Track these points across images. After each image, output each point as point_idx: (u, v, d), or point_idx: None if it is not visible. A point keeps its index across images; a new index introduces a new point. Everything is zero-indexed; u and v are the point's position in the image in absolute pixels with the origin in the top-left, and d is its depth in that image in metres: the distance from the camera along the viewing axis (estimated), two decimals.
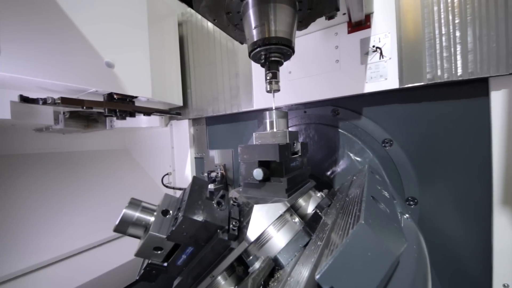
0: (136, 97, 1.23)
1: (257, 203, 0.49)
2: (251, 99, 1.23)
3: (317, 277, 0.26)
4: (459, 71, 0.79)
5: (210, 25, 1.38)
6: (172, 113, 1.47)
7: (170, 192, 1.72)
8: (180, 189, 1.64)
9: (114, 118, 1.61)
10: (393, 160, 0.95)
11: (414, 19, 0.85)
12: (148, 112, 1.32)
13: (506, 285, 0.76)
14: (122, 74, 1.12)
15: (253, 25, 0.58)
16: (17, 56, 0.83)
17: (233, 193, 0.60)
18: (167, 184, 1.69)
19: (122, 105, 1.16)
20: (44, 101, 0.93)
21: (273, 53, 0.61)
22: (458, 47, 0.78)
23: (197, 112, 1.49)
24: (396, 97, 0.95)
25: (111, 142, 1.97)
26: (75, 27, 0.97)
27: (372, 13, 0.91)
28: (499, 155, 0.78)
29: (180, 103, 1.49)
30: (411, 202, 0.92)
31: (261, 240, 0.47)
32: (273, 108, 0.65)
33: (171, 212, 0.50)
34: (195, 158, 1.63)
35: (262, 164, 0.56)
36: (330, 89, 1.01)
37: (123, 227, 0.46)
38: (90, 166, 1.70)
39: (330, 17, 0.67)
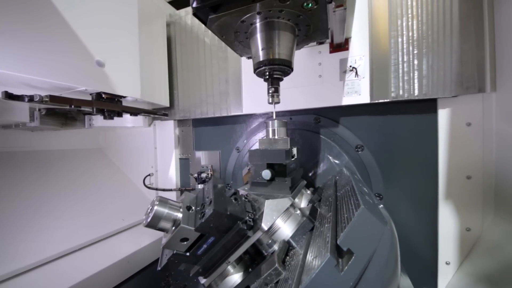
0: (124, 97, 1.22)
1: (267, 198, 0.58)
2: (240, 104, 1.31)
3: (338, 242, 0.37)
4: (416, 92, 0.98)
5: (199, 31, 1.42)
6: (159, 113, 1.48)
7: (152, 193, 1.70)
8: (163, 190, 1.63)
9: (93, 117, 1.56)
10: (364, 162, 1.12)
11: (383, 47, 1.02)
12: (136, 112, 1.31)
13: (448, 262, 0.97)
14: (112, 73, 1.12)
15: (260, 47, 0.68)
16: (4, 51, 0.79)
17: (240, 191, 0.68)
18: (149, 185, 1.67)
19: (111, 105, 1.15)
20: (31, 99, 0.89)
21: (276, 71, 0.71)
22: (416, 73, 0.98)
23: (184, 114, 1.51)
24: (367, 110, 1.12)
25: (83, 141, 1.87)
26: (67, 24, 0.95)
27: (350, 37, 1.07)
28: (444, 159, 0.99)
29: (167, 104, 1.50)
30: (378, 198, 1.10)
31: (272, 229, 0.56)
32: (274, 117, 0.76)
33: (193, 208, 0.56)
34: (180, 159, 1.65)
35: (268, 166, 0.67)
36: (313, 99, 1.14)
37: (155, 222, 0.52)
38: (62, 167, 1.60)
39: (320, 43, 0.79)
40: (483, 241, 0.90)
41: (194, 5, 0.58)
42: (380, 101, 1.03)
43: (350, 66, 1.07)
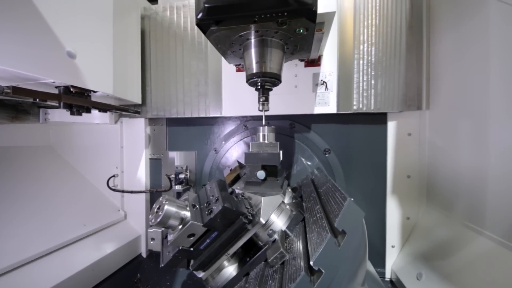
0: (95, 91, 1.14)
1: (263, 196, 0.66)
2: (220, 106, 1.35)
3: (335, 225, 0.48)
4: (372, 106, 1.18)
5: (178, 30, 1.40)
6: (131, 111, 1.41)
7: (116, 195, 1.60)
8: (131, 192, 1.55)
9: (49, 110, 1.40)
10: (330, 164, 1.29)
11: (348, 66, 1.20)
12: (106, 108, 1.24)
13: (393, 245, 1.20)
14: (83, 66, 1.04)
15: (254, 60, 0.75)
16: None
17: (236, 190, 0.74)
18: (113, 187, 1.57)
19: (81, 100, 1.07)
20: None
21: (267, 83, 0.80)
22: (373, 91, 1.18)
23: (157, 112, 1.47)
24: (334, 119, 1.30)
25: (29, 137, 1.63)
26: (35, 8, 0.86)
27: (322, 55, 1.22)
28: (390, 162, 1.22)
29: (139, 101, 1.44)
30: None
31: (268, 222, 0.64)
32: (263, 123, 0.84)
33: (197, 206, 0.59)
34: (150, 159, 1.59)
35: (261, 168, 0.74)
36: (289, 107, 1.26)
37: (165, 221, 0.53)
38: (6, 166, 1.39)
39: (302, 60, 0.91)
40: (418, 227, 1.15)
41: (200, 16, 0.62)
42: (345, 112, 1.21)
43: (321, 80, 1.22)
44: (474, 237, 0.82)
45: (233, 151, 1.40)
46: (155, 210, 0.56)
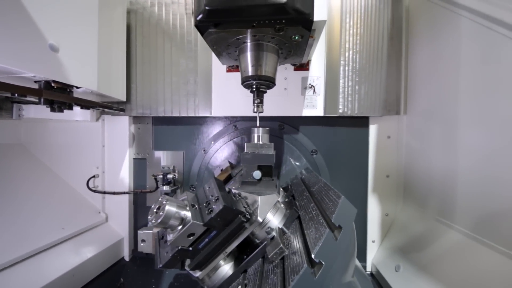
0: (78, 87, 1.08)
1: (260, 195, 0.68)
2: (209, 106, 1.34)
3: (333, 220, 0.51)
4: (356, 110, 1.26)
5: (166, 26, 1.38)
6: (115, 108, 1.35)
7: (96, 197, 1.52)
8: (113, 193, 1.49)
9: (23, 106, 1.31)
10: (317, 164, 1.35)
11: (335, 72, 1.26)
12: (90, 105, 1.18)
13: (373, 240, 1.28)
14: (67, 60, 0.99)
15: (250, 63, 0.77)
16: None
17: (232, 190, 0.75)
18: (93, 188, 1.50)
19: (63, 96, 1.01)
20: None
21: (262, 86, 0.82)
22: (357, 96, 1.25)
23: (143, 110, 1.43)
24: (321, 121, 1.35)
25: None
26: None
27: (311, 60, 1.27)
28: (372, 162, 1.31)
29: (123, 99, 1.38)
30: None
31: (265, 221, 0.66)
32: (257, 124, 0.86)
33: (196, 205, 0.60)
34: (134, 159, 1.54)
35: (257, 168, 0.77)
36: (279, 109, 1.30)
37: (166, 221, 0.53)
38: None
39: (294, 64, 0.95)
40: (396, 223, 1.24)
41: (199, 18, 0.63)
42: (331, 115, 1.27)
43: (310, 84, 1.27)
44: (445, 231, 0.92)
45: (222, 152, 1.40)
46: (155, 210, 0.56)
